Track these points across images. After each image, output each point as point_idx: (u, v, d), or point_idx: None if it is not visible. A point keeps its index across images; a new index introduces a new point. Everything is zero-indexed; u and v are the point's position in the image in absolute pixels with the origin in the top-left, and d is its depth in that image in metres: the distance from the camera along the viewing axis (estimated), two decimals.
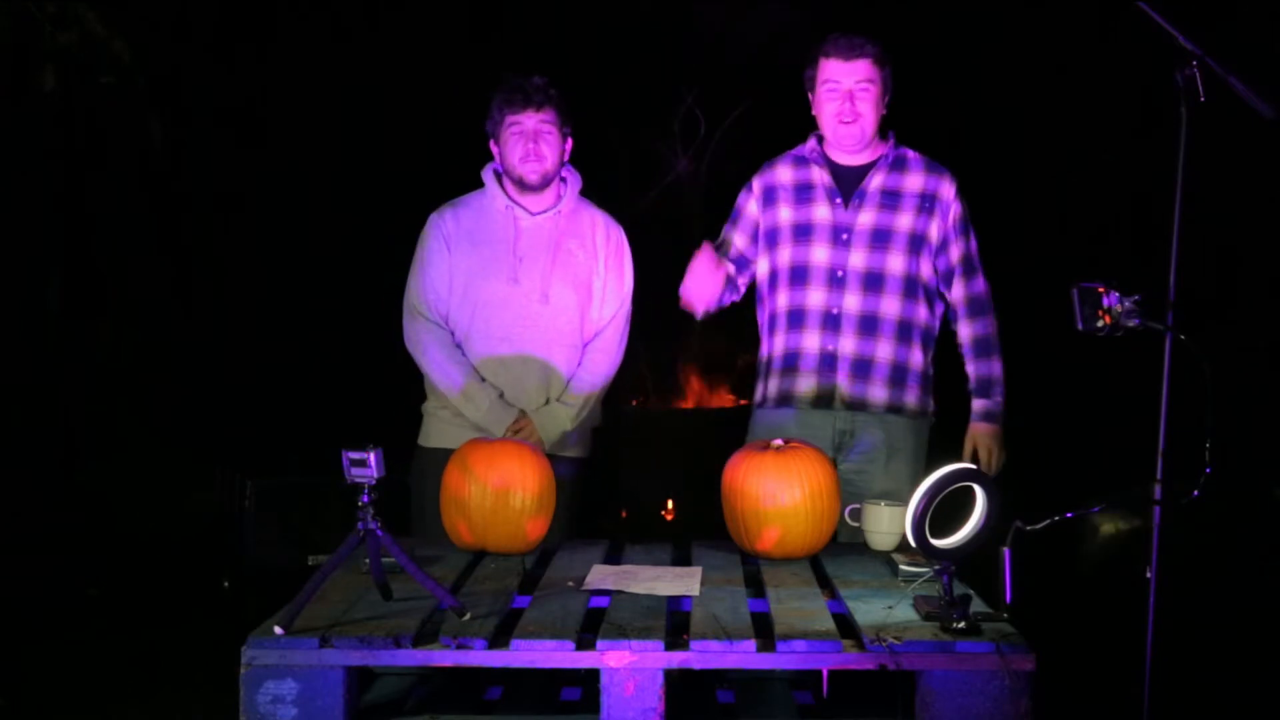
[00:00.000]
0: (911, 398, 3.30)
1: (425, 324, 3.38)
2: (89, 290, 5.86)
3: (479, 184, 3.49)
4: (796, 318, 3.29)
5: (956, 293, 3.34)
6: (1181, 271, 2.66)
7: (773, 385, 3.32)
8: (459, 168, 3.73)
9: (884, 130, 3.34)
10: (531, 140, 3.31)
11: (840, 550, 2.92)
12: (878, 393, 3.26)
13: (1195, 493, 2.49)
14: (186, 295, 6.07)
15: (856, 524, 2.91)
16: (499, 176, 3.43)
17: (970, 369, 3.35)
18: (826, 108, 3.26)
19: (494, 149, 3.41)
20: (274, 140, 5.90)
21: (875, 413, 3.27)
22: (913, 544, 2.35)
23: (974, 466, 2.36)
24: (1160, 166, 2.76)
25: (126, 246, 5.90)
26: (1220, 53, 2.61)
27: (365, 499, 2.31)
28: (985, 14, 5.57)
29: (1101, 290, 2.53)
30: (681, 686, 2.49)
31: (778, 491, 2.74)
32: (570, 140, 3.41)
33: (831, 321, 3.26)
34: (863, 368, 3.25)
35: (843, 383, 3.25)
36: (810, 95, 3.32)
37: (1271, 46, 4.58)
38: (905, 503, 2.38)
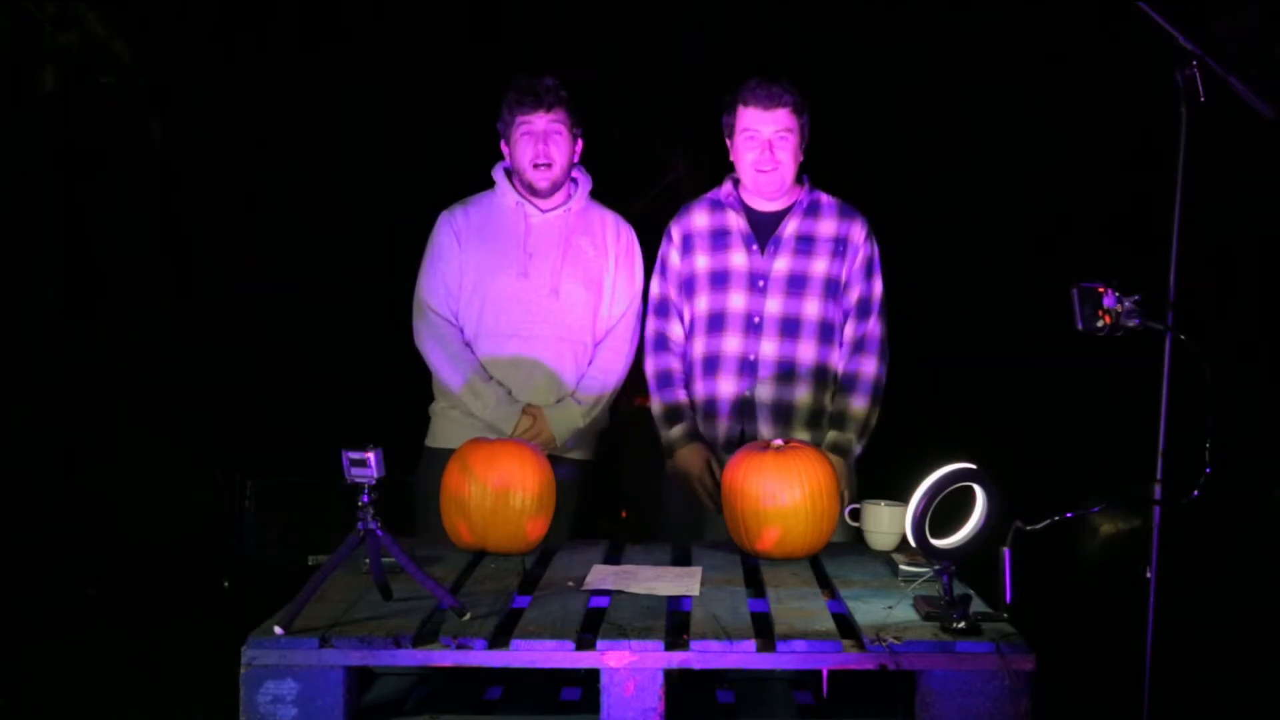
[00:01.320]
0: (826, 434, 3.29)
1: (433, 320, 3.38)
2: (89, 290, 5.86)
3: (480, 184, 3.50)
4: (712, 364, 3.28)
5: (847, 333, 3.30)
6: (1181, 271, 2.66)
7: None
8: (460, 168, 3.74)
9: (799, 175, 3.33)
10: (541, 141, 3.32)
11: (840, 550, 2.92)
12: (797, 436, 3.24)
13: (1195, 493, 2.49)
14: (186, 295, 6.07)
15: (856, 524, 2.91)
16: (509, 175, 3.44)
17: (835, 402, 3.29)
18: (745, 156, 3.25)
19: (505, 148, 3.42)
20: (274, 140, 5.90)
21: None
22: (913, 544, 2.35)
23: (974, 466, 2.36)
24: (1160, 166, 2.76)
25: (126, 246, 5.90)
26: (1219, 53, 2.61)
27: (365, 499, 2.31)
28: (985, 13, 5.57)
29: (1101, 290, 2.53)
30: (681, 686, 2.49)
31: (778, 491, 2.74)
32: (581, 141, 3.42)
33: (748, 367, 3.25)
34: (781, 413, 3.25)
35: (762, 427, 3.25)
36: (728, 141, 3.31)
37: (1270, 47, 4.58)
38: (905, 503, 2.38)
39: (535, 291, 3.37)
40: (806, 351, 3.25)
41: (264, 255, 6.01)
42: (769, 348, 3.25)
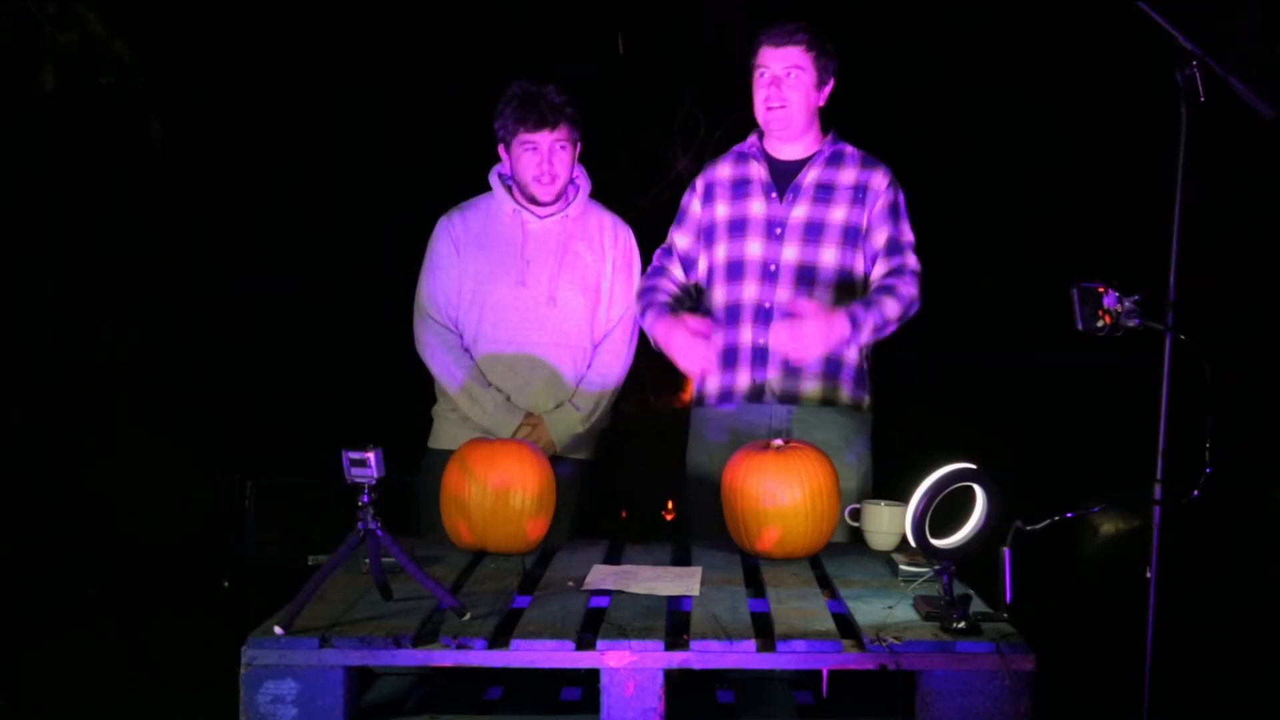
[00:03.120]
0: (845, 391, 3.26)
1: (433, 327, 3.39)
2: (89, 290, 5.86)
3: (480, 185, 3.48)
4: (733, 313, 3.28)
5: (878, 271, 3.26)
6: (1181, 271, 2.67)
7: (712, 381, 3.31)
8: (460, 168, 3.73)
9: (826, 126, 3.33)
10: (546, 161, 3.31)
11: (840, 550, 2.92)
12: (809, 386, 3.23)
13: (1195, 493, 2.49)
14: (186, 295, 6.07)
15: (856, 524, 2.91)
16: (506, 185, 3.43)
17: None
18: (758, 94, 3.26)
19: (503, 154, 3.40)
20: (274, 140, 5.90)
21: (808, 406, 3.24)
22: (913, 544, 2.35)
23: (974, 466, 2.36)
24: (1160, 166, 2.76)
25: (126, 246, 5.90)
26: (1219, 53, 2.61)
27: (365, 499, 2.31)
28: (985, 13, 5.58)
29: (1101, 290, 2.53)
30: (681, 686, 2.48)
31: (778, 491, 2.73)
32: (580, 145, 3.41)
33: (764, 315, 3.24)
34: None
35: (773, 377, 3.24)
36: (751, 85, 3.30)
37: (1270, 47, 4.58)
38: (905, 503, 2.38)
39: (533, 299, 3.37)
40: (823, 300, 3.22)
41: (264, 255, 6.01)
42: (784, 296, 3.23)
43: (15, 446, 5.34)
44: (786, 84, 3.22)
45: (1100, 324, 2.52)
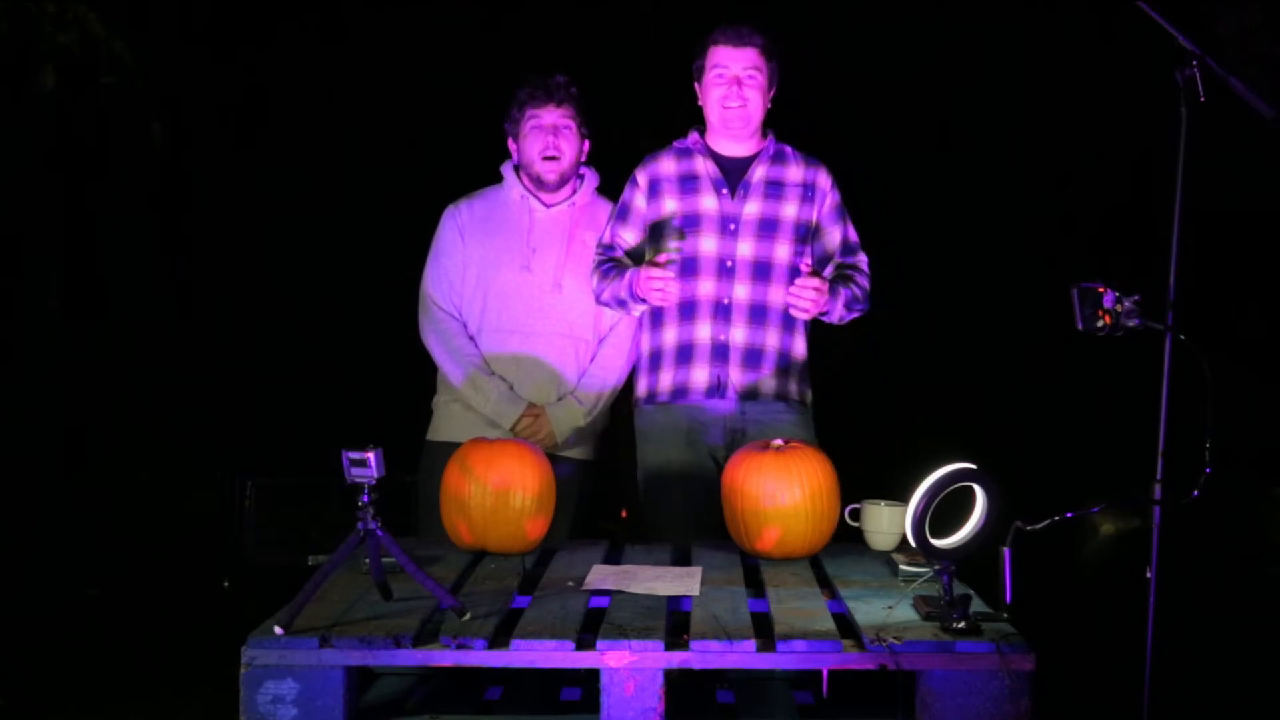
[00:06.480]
0: (794, 386, 3.33)
1: (437, 315, 3.39)
2: (89, 290, 5.86)
3: (481, 184, 3.50)
4: (688, 309, 3.30)
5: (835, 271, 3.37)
6: (1181, 271, 2.67)
7: (665, 378, 3.32)
8: (462, 167, 3.74)
9: (764, 127, 3.37)
10: (550, 135, 3.34)
11: (840, 550, 2.92)
12: (767, 381, 3.29)
13: (1195, 493, 2.49)
14: (186, 295, 6.07)
15: (856, 524, 2.91)
16: (517, 171, 3.45)
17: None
18: (713, 93, 3.30)
19: (512, 146, 3.43)
20: (274, 140, 5.90)
21: (764, 401, 3.29)
22: (913, 544, 2.35)
23: (974, 466, 2.36)
24: (1160, 166, 2.76)
25: (126, 246, 5.90)
26: (1219, 53, 2.61)
27: (365, 499, 2.31)
28: (985, 12, 5.57)
29: (1101, 290, 2.53)
30: (681, 686, 2.49)
31: (778, 491, 2.74)
32: (588, 141, 3.42)
33: (723, 311, 3.28)
34: (753, 357, 3.28)
35: (734, 372, 3.28)
36: (697, 85, 3.36)
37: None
38: (905, 503, 2.38)
39: (538, 286, 3.38)
40: (777, 295, 3.29)
41: (264, 255, 6.00)
42: (742, 291, 3.28)
43: (15, 446, 5.33)
44: (746, 84, 3.27)
45: (1100, 324, 2.53)
